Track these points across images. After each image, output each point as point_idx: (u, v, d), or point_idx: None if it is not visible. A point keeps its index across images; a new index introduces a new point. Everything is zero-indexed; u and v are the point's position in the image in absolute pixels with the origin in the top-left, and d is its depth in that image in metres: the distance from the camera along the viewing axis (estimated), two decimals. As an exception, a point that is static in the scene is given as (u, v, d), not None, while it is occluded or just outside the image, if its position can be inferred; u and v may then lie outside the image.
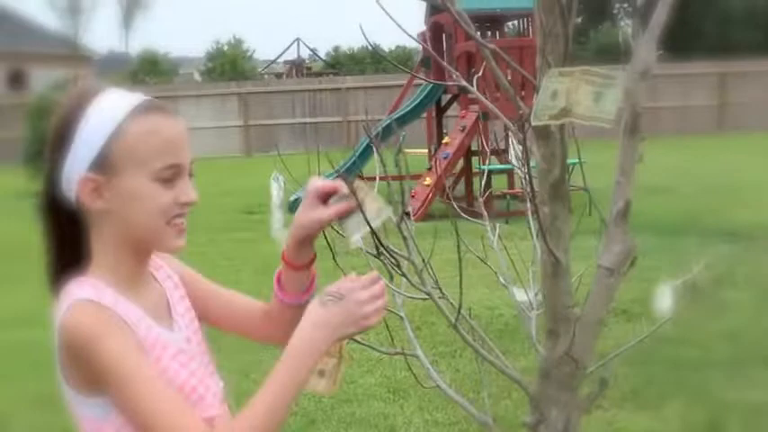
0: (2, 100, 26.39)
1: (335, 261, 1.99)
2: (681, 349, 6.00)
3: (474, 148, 13.20)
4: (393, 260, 1.62)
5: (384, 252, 1.57)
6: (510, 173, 13.46)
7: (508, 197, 12.34)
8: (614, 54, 1.82)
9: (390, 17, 1.92)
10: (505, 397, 5.05)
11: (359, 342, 2.07)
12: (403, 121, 14.27)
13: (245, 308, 1.83)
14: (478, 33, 8.86)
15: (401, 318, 2.02)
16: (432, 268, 1.77)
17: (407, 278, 1.69)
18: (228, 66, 44.22)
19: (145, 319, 1.51)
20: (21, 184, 16.48)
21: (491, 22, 14.04)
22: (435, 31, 14.58)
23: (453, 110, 15.63)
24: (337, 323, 1.49)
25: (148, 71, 42.99)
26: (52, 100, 18.21)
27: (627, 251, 1.74)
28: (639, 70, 1.74)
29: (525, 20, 13.71)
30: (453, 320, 1.69)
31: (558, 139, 1.69)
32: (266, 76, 41.75)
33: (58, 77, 34.65)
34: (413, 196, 12.48)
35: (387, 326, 2.11)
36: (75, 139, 1.48)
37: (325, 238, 1.86)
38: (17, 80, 35.09)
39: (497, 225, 2.62)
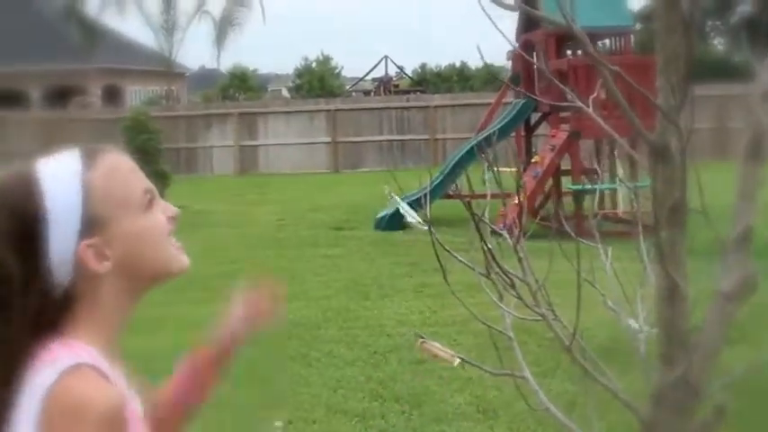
0: (99, 115, 27.11)
1: (446, 279, 1.99)
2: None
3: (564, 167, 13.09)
4: (508, 280, 1.61)
5: (499, 272, 1.57)
6: (601, 194, 13.29)
7: (598, 217, 12.17)
8: (714, 72, 1.79)
9: (498, 30, 1.92)
10: (599, 419, 4.97)
11: (465, 360, 2.07)
12: (492, 140, 14.23)
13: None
14: (568, 52, 8.73)
15: (510, 338, 2.01)
16: (545, 289, 1.76)
17: (522, 299, 1.69)
18: (316, 83, 44.70)
19: (127, 392, 1.42)
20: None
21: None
22: (526, 49, 14.52)
23: (542, 128, 15.53)
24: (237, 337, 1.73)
25: (238, 87, 43.75)
26: (147, 114, 18.72)
27: (746, 278, 1.70)
28: (762, 92, 1.71)
29: (618, 38, 13.56)
30: (567, 343, 1.67)
31: (678, 162, 1.67)
32: (354, 94, 42.08)
33: (152, 93, 35.61)
34: (502, 215, 12.41)
35: (495, 346, 2.11)
36: (48, 224, 1.36)
37: (438, 260, 1.87)
38: (113, 96, 36.08)
39: (600, 246, 2.59)
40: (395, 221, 13.52)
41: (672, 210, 1.69)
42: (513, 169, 12.65)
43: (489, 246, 1.56)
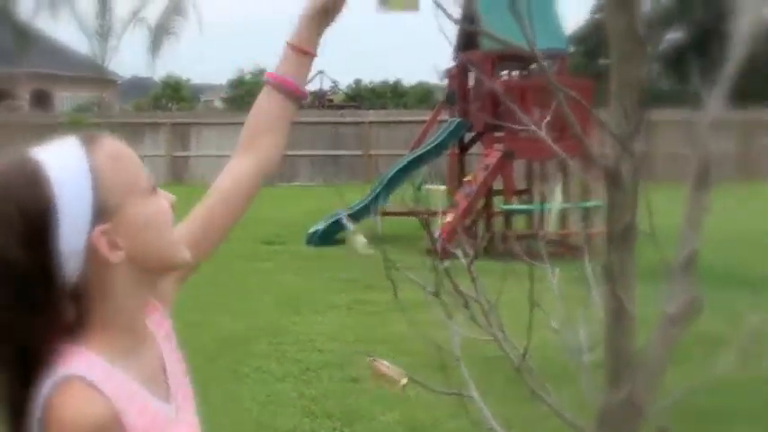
0: (31, 119, 26.58)
1: (396, 296, 1.99)
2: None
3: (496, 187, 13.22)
4: (462, 300, 1.62)
5: (454, 292, 1.58)
6: (531, 214, 13.46)
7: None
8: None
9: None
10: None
11: (416, 381, 2.07)
12: (428, 157, 14.32)
13: (231, 179, 1.68)
14: (504, 73, 8.85)
15: (457, 358, 2.01)
16: (497, 310, 1.77)
17: (474, 318, 1.70)
18: (250, 95, 44.47)
19: (137, 393, 1.36)
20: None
21: (519, 60, 14.13)
22: (463, 69, 14.66)
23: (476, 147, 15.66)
24: None
25: (171, 97, 43.29)
26: (82, 120, 18.43)
27: (692, 301, 1.74)
28: (708, 122, 1.75)
29: (554, 60, 13.77)
30: (516, 363, 1.69)
31: (630, 185, 1.70)
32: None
33: (82, 99, 35.01)
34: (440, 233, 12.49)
35: (443, 366, 2.12)
36: (58, 214, 1.27)
37: (390, 279, 1.87)
38: (42, 101, 35.40)
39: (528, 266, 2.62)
40: (328, 236, 13.50)
41: (622, 232, 1.72)
42: (445, 187, 12.78)
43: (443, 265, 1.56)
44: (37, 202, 1.27)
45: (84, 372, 1.28)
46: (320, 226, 13.71)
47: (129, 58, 69.67)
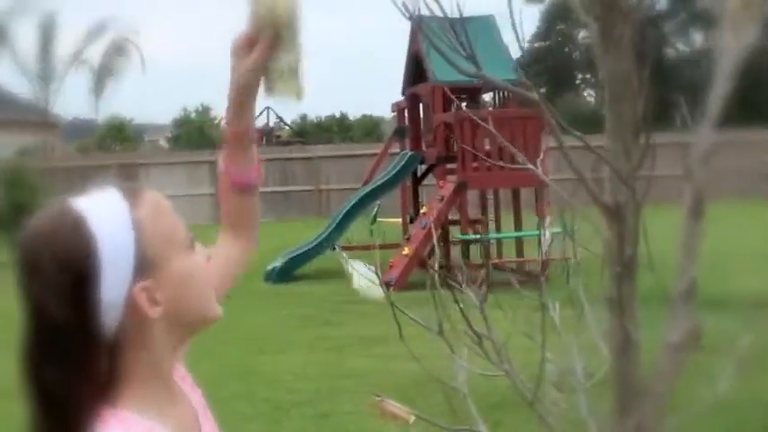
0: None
1: (401, 335, 2.03)
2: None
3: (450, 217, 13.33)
4: (476, 337, 1.66)
5: (468, 330, 1.62)
6: (486, 244, 13.57)
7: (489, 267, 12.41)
8: (581, 124, 1.89)
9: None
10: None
11: (420, 417, 2.10)
12: (382, 190, 14.40)
13: (223, 255, 1.69)
14: (454, 105, 8.96)
15: (464, 395, 2.05)
16: (505, 346, 1.82)
17: (487, 355, 1.74)
18: (196, 133, 44.28)
19: None
20: (-8, 252, 16.34)
21: (468, 93, 14.31)
22: (413, 102, 14.81)
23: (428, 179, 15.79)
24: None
25: (114, 138, 42.94)
26: (24, 167, 18.19)
27: (693, 328, 1.80)
28: (700, 155, 1.82)
29: (501, 92, 13.98)
30: (530, 398, 1.73)
31: (631, 219, 1.76)
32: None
33: (25, 143, 34.54)
34: (391, 266, 12.53)
35: (449, 401, 2.15)
36: (100, 268, 1.25)
37: (396, 319, 1.91)
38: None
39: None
40: (285, 273, 13.48)
41: (625, 265, 1.78)
42: (399, 220, 12.80)
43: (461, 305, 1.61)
44: (78, 255, 1.24)
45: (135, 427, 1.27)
46: (278, 263, 13.68)
47: (70, 100, 68.97)
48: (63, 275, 1.24)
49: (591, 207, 2.00)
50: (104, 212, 1.28)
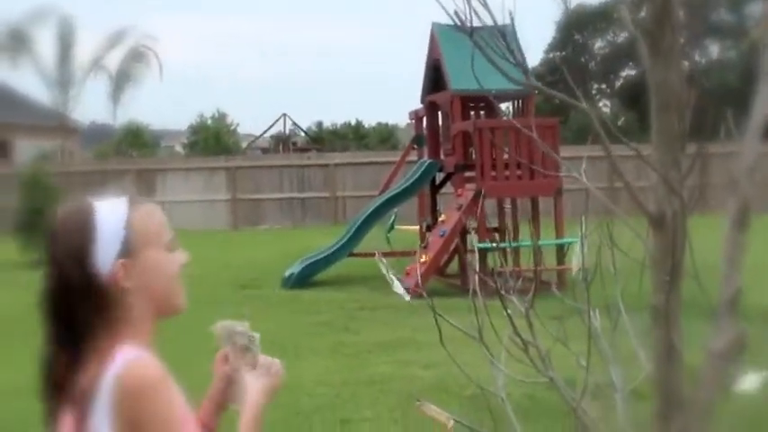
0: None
1: (441, 342, 2.04)
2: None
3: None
4: (523, 345, 1.68)
5: (518, 338, 1.64)
6: (504, 251, 13.56)
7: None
8: (595, 134, 1.91)
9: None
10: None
11: (460, 422, 2.12)
12: (400, 199, 14.42)
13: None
14: (472, 114, 8.99)
15: (502, 399, 2.07)
16: (549, 355, 1.83)
17: (534, 363, 1.76)
18: (212, 139, 44.41)
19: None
20: (11, 254, 16.45)
21: (485, 102, 14.31)
22: (431, 110, 14.83)
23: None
24: (269, 391, 2.03)
25: (131, 143, 43.11)
26: (43, 171, 18.30)
27: (738, 337, 1.81)
28: (747, 166, 1.84)
29: (520, 101, 13.98)
30: (574, 404, 1.75)
31: (676, 230, 1.77)
32: (248, 152, 41.99)
33: (44, 148, 34.78)
34: (407, 273, 12.53)
35: (490, 410, 2.17)
36: (96, 241, 1.79)
37: (436, 322, 1.93)
38: (1, 150, 35.06)
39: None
40: (302, 279, 13.51)
41: (670, 274, 1.79)
42: (417, 227, 12.78)
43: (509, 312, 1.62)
44: (83, 236, 1.79)
45: (141, 352, 1.75)
46: (295, 269, 13.71)
47: (89, 106, 69.36)
48: (73, 247, 1.79)
49: (626, 216, 2.01)
50: (108, 211, 1.83)
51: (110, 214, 1.82)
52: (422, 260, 12.61)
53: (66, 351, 1.77)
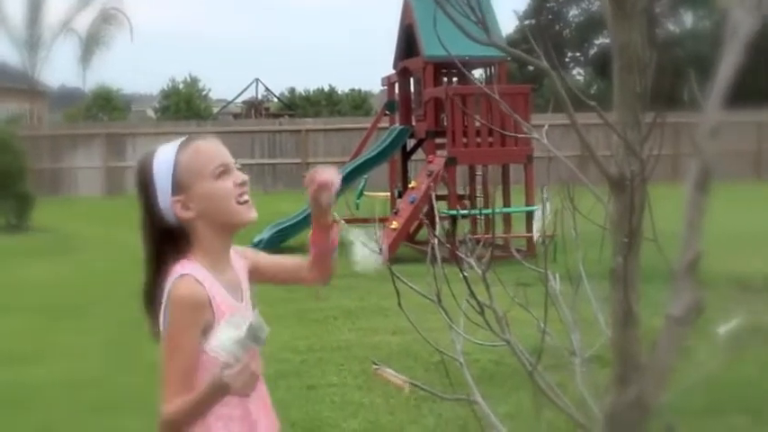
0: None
1: (400, 306, 2.02)
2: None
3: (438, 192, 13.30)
4: (479, 308, 1.65)
5: (475, 301, 1.61)
6: (474, 218, 13.58)
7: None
8: (573, 102, 1.88)
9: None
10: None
11: (416, 385, 2.10)
12: (371, 164, 14.35)
13: (293, 266, 2.60)
14: (444, 80, 8.93)
15: (460, 363, 2.05)
16: (506, 317, 1.81)
17: (489, 326, 1.73)
18: (183, 104, 44.01)
19: (221, 291, 2.17)
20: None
21: (457, 69, 14.24)
22: (403, 76, 14.74)
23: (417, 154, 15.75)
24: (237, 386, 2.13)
25: (102, 107, 42.63)
26: (11, 134, 18.06)
27: (696, 302, 1.80)
28: (708, 129, 1.81)
29: (491, 67, 13.93)
30: (530, 368, 1.73)
31: (636, 190, 1.75)
32: (220, 117, 41.67)
33: (13, 111, 34.34)
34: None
35: (447, 371, 2.15)
36: (154, 184, 2.19)
37: (396, 288, 1.90)
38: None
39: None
40: (272, 245, 13.46)
41: (628, 237, 1.77)
42: (386, 194, 12.72)
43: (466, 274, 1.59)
44: (145, 177, 2.19)
45: (190, 271, 2.13)
46: (265, 235, 13.66)
47: (58, 68, 68.43)
48: (141, 189, 2.21)
49: (593, 184, 1.99)
50: (161, 154, 2.19)
51: (162, 159, 2.17)
52: (392, 227, 12.59)
53: (151, 269, 2.19)
